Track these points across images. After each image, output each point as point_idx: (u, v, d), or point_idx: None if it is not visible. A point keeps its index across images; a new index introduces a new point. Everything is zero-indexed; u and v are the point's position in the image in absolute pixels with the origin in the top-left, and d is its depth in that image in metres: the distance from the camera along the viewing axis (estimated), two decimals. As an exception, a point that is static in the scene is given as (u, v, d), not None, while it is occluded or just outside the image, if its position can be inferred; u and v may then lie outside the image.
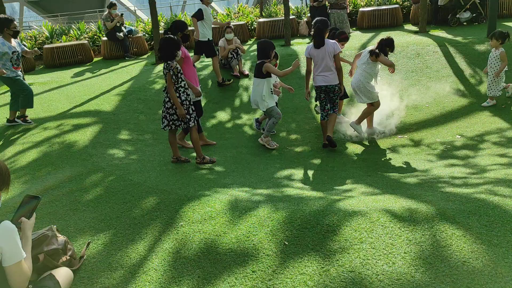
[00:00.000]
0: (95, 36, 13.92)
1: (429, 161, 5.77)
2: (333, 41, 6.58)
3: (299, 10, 15.32)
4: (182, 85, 5.41)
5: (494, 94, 7.47)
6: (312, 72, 6.64)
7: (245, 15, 15.29)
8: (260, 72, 6.50)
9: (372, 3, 14.52)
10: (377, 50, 6.60)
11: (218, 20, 13.80)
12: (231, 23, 13.34)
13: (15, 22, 6.81)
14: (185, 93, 5.45)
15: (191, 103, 5.58)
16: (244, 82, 9.61)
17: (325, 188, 4.82)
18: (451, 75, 8.88)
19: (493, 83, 7.45)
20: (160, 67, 10.86)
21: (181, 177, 4.97)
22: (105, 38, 12.97)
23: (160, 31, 13.60)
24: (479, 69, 8.75)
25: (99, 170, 5.01)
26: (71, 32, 14.29)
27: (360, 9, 13.74)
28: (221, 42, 10.01)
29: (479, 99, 7.84)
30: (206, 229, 3.50)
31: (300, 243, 3.22)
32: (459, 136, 6.59)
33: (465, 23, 12.24)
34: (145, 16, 20.49)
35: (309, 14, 13.67)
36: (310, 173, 5.58)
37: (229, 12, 15.82)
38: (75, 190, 4.46)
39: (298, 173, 5.58)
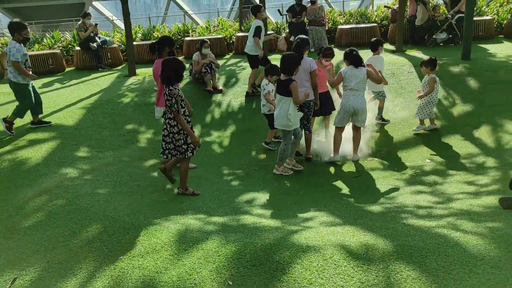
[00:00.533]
0: (69, 46, 13.57)
1: (396, 186, 5.59)
2: (310, 58, 6.51)
3: (279, 26, 15.21)
4: (182, 112, 5.08)
5: (420, 116, 7.43)
6: None
7: (224, 29, 15.12)
8: (286, 90, 5.90)
9: (351, 21, 14.51)
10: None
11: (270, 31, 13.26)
12: (206, 38, 13.21)
13: (28, 29, 6.76)
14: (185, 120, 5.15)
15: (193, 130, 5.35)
16: (217, 98, 9.40)
17: (286, 215, 4.59)
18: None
19: (422, 106, 7.41)
20: (132, 80, 10.58)
21: (134, 201, 4.69)
22: (78, 48, 12.64)
23: (136, 42, 13.38)
24: (453, 91, 8.69)
25: (46, 192, 4.69)
26: (44, 40, 13.92)
27: (339, 27, 13.70)
28: (195, 57, 9.79)
29: (451, 122, 7.74)
30: (147, 264, 3.23)
31: (245, 283, 2.97)
32: (429, 161, 6.44)
33: (441, 44, 12.26)
34: (122, 25, 20.20)
35: (288, 30, 13.58)
36: (274, 197, 5.35)
37: (209, 25, 15.64)
38: (14, 214, 4.15)
39: (262, 197, 5.34)
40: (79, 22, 12.54)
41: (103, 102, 8.68)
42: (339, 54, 11.77)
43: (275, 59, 12.00)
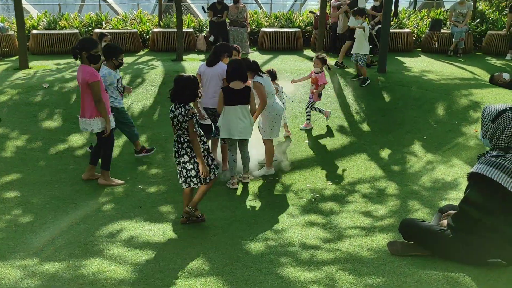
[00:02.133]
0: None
1: (290, 215, 5.01)
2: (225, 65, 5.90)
3: (201, 23, 14.37)
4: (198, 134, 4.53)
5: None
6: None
7: (143, 23, 14.04)
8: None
9: (276, 24, 14.00)
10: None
11: None
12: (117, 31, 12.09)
13: (123, 54, 6.13)
14: (201, 141, 4.57)
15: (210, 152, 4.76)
16: (116, 99, 8.40)
17: (147, 255, 3.82)
18: (338, 109, 8.40)
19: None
20: (21, 73, 9.31)
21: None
22: (-35, 34, 11.08)
23: (37, 31, 11.99)
24: (365, 105, 8.36)
25: None
26: None
27: (262, 29, 13.14)
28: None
29: (359, 138, 7.37)
30: None
31: None
32: (331, 183, 5.96)
33: (362, 55, 12.04)
34: (34, 11, 18.37)
35: (207, 29, 12.81)
36: (144, 228, 4.54)
37: (125, 18, 14.46)
38: None
39: (130, 228, 4.52)
40: (-34, 4, 10.97)
41: (-26, 99, 7.45)
42: (258, 58, 11.23)
43: (192, 59, 11.20)
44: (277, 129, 6.16)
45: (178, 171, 4.61)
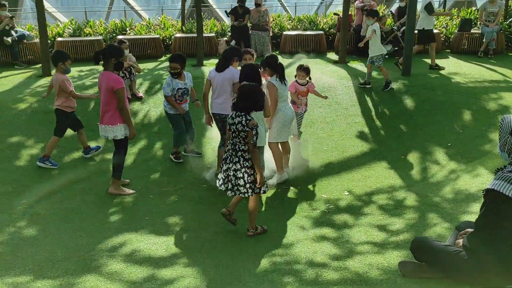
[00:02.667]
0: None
1: (301, 228, 4.79)
2: (237, 69, 5.74)
3: (224, 28, 14.29)
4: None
5: None
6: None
7: (166, 28, 14.08)
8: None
9: (299, 27, 13.76)
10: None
11: None
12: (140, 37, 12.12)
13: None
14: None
15: None
16: (135, 106, 8.40)
17: (137, 275, 3.69)
18: (359, 114, 8.11)
19: None
20: (43, 81, 9.43)
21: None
22: (-7, 42, 11.33)
23: (61, 39, 12.17)
24: (387, 110, 8.04)
25: None
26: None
27: (284, 33, 12.93)
28: (112, 59, 8.74)
29: (380, 145, 7.06)
30: None
31: None
32: (347, 193, 5.70)
33: (386, 56, 11.65)
34: (64, 18, 18.73)
35: (229, 34, 12.71)
36: (148, 241, 4.42)
37: (149, 24, 14.54)
38: None
39: (134, 241, 4.41)
40: (-7, 14, 11.25)
41: (-6, 107, 7.56)
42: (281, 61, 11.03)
43: (213, 64, 11.09)
44: (284, 133, 5.92)
45: (223, 177, 4.47)
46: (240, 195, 4.44)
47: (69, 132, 7.26)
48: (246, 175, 4.35)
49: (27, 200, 5.31)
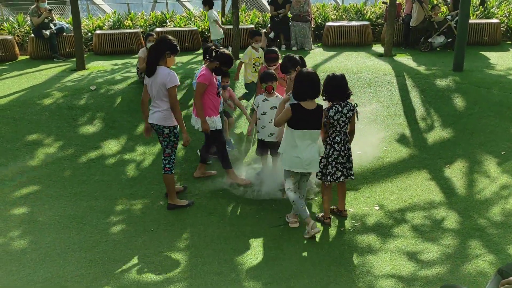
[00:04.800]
0: (25, 32, 12.37)
1: (316, 251, 4.22)
2: (171, 71, 4.75)
3: (265, 19, 13.71)
4: None
5: None
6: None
7: (206, 20, 13.72)
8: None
9: (344, 17, 12.93)
10: None
11: None
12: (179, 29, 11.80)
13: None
14: None
15: None
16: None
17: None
18: (401, 114, 7.33)
19: None
20: (75, 75, 9.31)
21: None
22: (32, 35, 11.42)
23: (100, 31, 12.10)
24: (433, 110, 7.19)
25: None
26: (5, 24, 12.74)
27: (327, 24, 12.16)
28: (141, 52, 8.44)
29: (422, 152, 6.28)
30: None
31: None
32: (378, 208, 5.03)
33: (438, 49, 10.66)
34: (110, 10, 18.86)
35: (269, 25, 12.13)
36: (146, 259, 4.01)
37: (190, 15, 14.24)
38: None
39: (128, 260, 4.02)
40: (33, 6, 11.30)
41: (19, 102, 7.45)
42: (320, 55, 10.35)
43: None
44: None
45: (341, 169, 4.57)
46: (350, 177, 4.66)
47: (88, 129, 7.05)
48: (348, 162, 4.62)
49: (29, 206, 5.06)
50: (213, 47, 5.53)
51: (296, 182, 4.51)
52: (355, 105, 4.58)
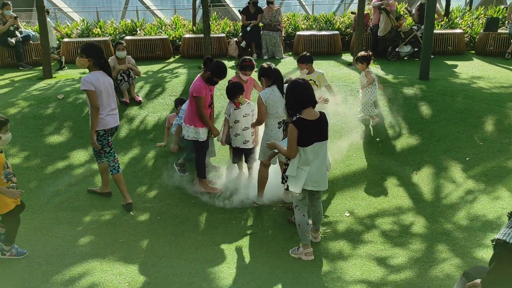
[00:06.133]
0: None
1: (287, 260, 4.21)
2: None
3: (237, 28, 13.76)
4: None
5: (369, 113, 7.20)
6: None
7: (177, 28, 13.66)
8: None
9: (314, 26, 13.12)
10: None
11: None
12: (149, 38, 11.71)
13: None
14: None
15: None
16: (132, 111, 7.96)
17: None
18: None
19: (364, 103, 7.23)
20: (42, 84, 9.10)
21: None
22: (-3, 43, 11.11)
23: (67, 40, 11.87)
24: (401, 118, 7.34)
25: None
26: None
27: (297, 33, 12.31)
28: (110, 61, 8.33)
29: (391, 158, 6.40)
30: None
31: None
32: (348, 214, 5.09)
33: (405, 58, 10.94)
34: (79, 18, 18.53)
35: (240, 34, 12.18)
36: (115, 270, 3.93)
37: (161, 24, 14.15)
38: None
39: (96, 272, 3.93)
40: (-3, 14, 11.01)
41: (-18, 113, 7.21)
42: (291, 64, 10.45)
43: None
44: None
45: None
46: None
47: (55, 139, 6.89)
48: None
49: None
50: (209, 56, 5.66)
51: (304, 199, 4.15)
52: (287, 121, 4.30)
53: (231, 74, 6.47)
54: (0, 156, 3.82)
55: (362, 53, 7.34)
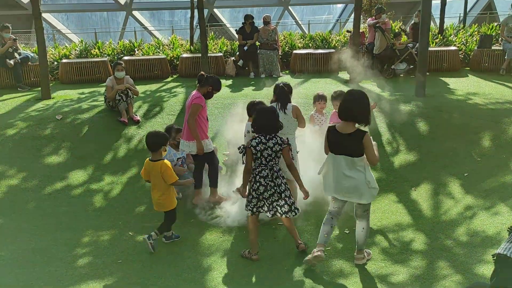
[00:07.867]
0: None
1: (290, 277, 4.18)
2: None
3: (234, 47, 13.90)
4: None
5: None
6: None
7: (175, 48, 13.79)
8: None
9: (311, 45, 13.28)
10: None
11: None
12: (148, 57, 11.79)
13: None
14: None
15: None
16: (130, 130, 7.98)
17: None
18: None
19: None
20: (40, 104, 9.13)
21: None
22: (-3, 65, 11.17)
23: (66, 60, 11.95)
24: (398, 135, 7.38)
25: None
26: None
27: (294, 51, 12.45)
28: (108, 81, 8.42)
29: (389, 175, 6.41)
30: None
31: None
32: (348, 231, 5.08)
33: (401, 75, 11.06)
34: (77, 40, 18.70)
35: (237, 53, 12.31)
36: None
37: (158, 44, 14.29)
38: None
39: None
40: (-4, 36, 11.11)
41: (-19, 134, 7.23)
42: (289, 81, 10.50)
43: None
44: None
45: (268, 204, 4.37)
46: (285, 215, 4.41)
47: (53, 159, 6.89)
48: (289, 193, 4.43)
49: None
50: (202, 72, 5.87)
51: (337, 208, 4.35)
52: (286, 140, 4.37)
53: (226, 91, 6.52)
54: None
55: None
